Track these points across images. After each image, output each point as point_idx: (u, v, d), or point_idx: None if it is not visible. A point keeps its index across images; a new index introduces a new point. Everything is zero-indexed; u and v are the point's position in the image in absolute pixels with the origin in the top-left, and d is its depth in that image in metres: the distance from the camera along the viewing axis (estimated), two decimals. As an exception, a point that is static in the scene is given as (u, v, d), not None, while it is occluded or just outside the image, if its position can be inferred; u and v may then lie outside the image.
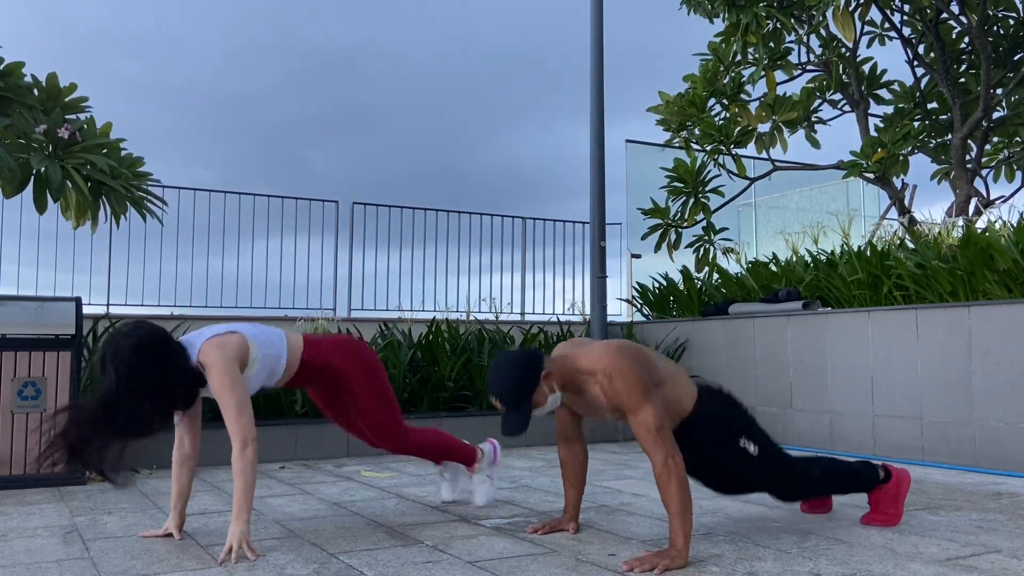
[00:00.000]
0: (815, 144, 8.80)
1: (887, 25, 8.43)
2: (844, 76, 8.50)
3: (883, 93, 8.67)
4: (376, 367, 3.25)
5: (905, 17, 8.37)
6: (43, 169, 4.29)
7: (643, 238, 8.21)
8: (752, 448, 2.92)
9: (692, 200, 8.03)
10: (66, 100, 4.67)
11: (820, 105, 8.80)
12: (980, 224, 6.65)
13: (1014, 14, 7.94)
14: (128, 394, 2.70)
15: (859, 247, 6.12)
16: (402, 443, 3.32)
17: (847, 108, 8.75)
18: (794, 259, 6.75)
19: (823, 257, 6.38)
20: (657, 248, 8.14)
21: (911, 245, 5.98)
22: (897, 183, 8.20)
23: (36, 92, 4.60)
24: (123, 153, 4.73)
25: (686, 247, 8.11)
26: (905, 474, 3.20)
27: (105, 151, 4.58)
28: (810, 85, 8.73)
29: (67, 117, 4.58)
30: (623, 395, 2.64)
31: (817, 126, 8.85)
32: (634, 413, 2.63)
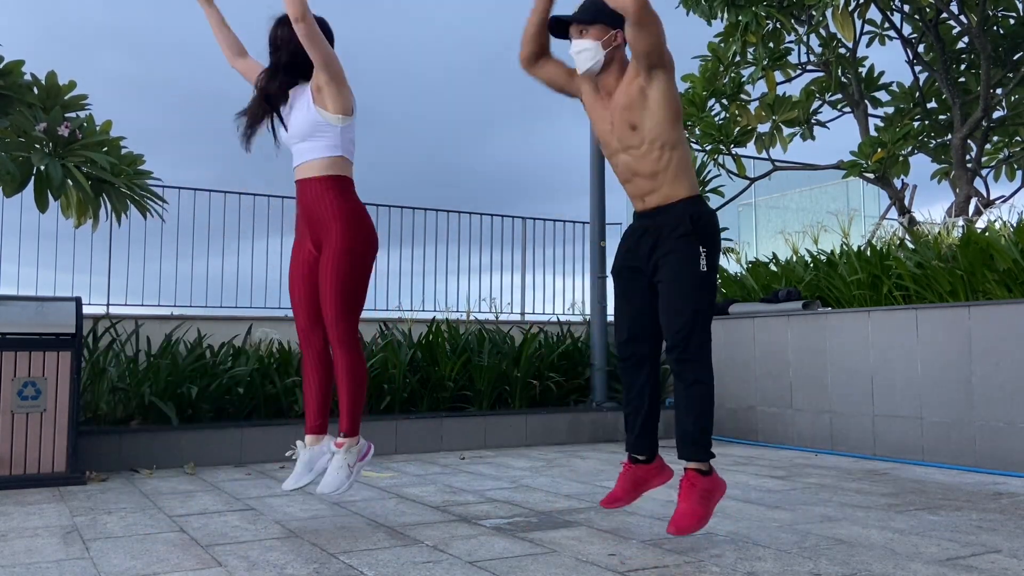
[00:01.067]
0: (806, 137, 8.77)
1: (887, 25, 8.43)
2: (843, 77, 8.50)
3: (881, 95, 8.67)
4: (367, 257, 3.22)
5: (905, 16, 8.37)
6: (43, 167, 4.28)
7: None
8: (703, 265, 2.87)
9: (692, 200, 8.01)
10: (65, 98, 4.67)
11: (820, 107, 8.80)
12: (980, 224, 6.65)
13: (1014, 14, 7.94)
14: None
15: (859, 247, 6.12)
16: (348, 340, 3.16)
17: (847, 109, 8.75)
18: (794, 259, 6.75)
19: (823, 257, 6.38)
20: (657, 248, 8.12)
21: (911, 245, 5.98)
22: (897, 183, 8.20)
23: (35, 90, 4.60)
24: (123, 151, 4.72)
25: (686, 247, 8.09)
26: (722, 481, 2.96)
27: (105, 149, 4.58)
28: (810, 88, 8.73)
29: (67, 115, 4.58)
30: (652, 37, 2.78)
31: (816, 128, 8.85)
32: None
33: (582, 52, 2.95)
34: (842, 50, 8.40)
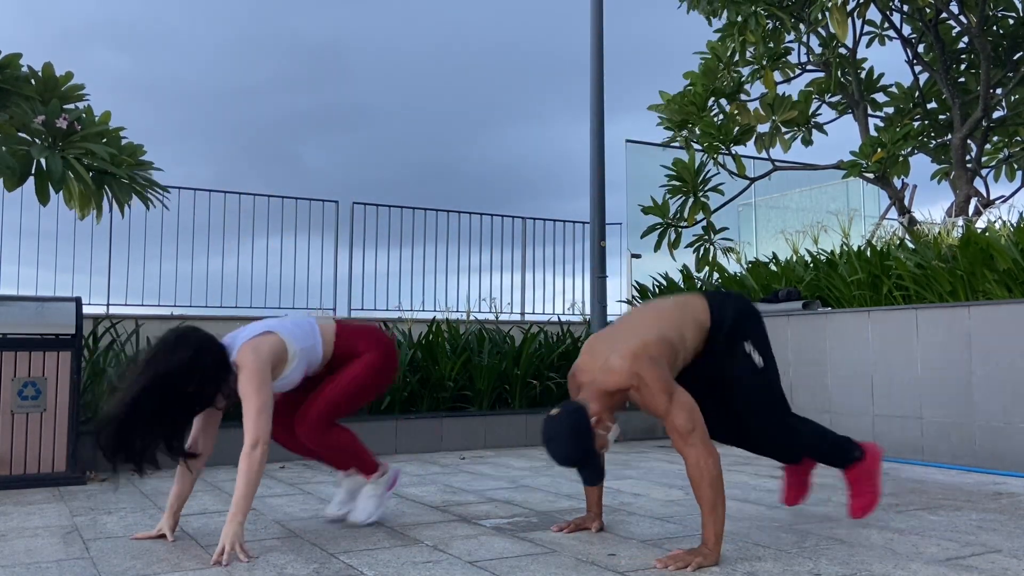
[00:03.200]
0: (808, 144, 8.79)
1: (886, 25, 8.43)
2: (842, 78, 8.50)
3: (880, 97, 8.67)
4: (387, 369, 3.18)
5: (905, 16, 8.37)
6: (43, 160, 4.28)
7: (643, 236, 8.21)
8: (757, 357, 2.89)
9: (692, 199, 8.03)
10: (63, 90, 4.66)
11: (820, 107, 8.80)
12: (980, 224, 6.65)
13: (1014, 14, 7.94)
14: (173, 385, 2.75)
15: (859, 247, 6.12)
16: (319, 435, 3.11)
17: (846, 109, 8.74)
18: (794, 259, 6.75)
19: (823, 257, 6.38)
20: (657, 247, 8.14)
21: (911, 245, 5.98)
22: (897, 183, 8.20)
23: (32, 83, 4.58)
24: (123, 142, 4.72)
25: (686, 247, 8.11)
26: (875, 448, 3.15)
27: (105, 140, 4.57)
28: (808, 88, 8.73)
29: (65, 107, 4.56)
30: (651, 404, 2.65)
31: (815, 132, 8.85)
32: (664, 416, 2.64)
33: (612, 443, 2.82)
34: (842, 50, 8.40)
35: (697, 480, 2.57)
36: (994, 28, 8.05)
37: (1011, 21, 8.00)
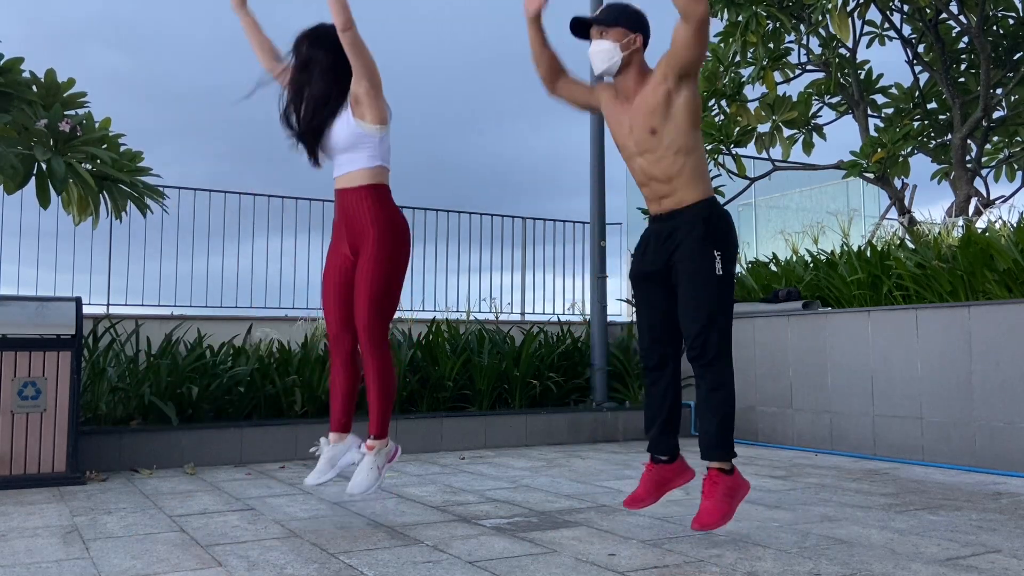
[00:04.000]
0: (808, 151, 8.78)
1: (887, 25, 8.43)
2: (842, 79, 8.50)
3: (880, 98, 8.66)
4: (402, 261, 3.26)
5: (905, 16, 8.37)
6: (46, 162, 4.28)
7: (643, 237, 8.20)
8: (719, 269, 2.89)
9: (692, 200, 8.01)
10: (64, 96, 4.67)
11: (820, 108, 8.79)
12: (980, 224, 6.65)
13: (1014, 14, 7.94)
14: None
15: (859, 247, 6.12)
16: (379, 345, 3.16)
17: (846, 110, 8.74)
18: (794, 259, 6.75)
19: (823, 257, 6.38)
20: (657, 248, 8.12)
21: (911, 245, 5.98)
22: (897, 183, 8.20)
23: (34, 88, 4.60)
24: (122, 148, 4.72)
25: (686, 247, 8.09)
26: (745, 481, 2.98)
27: (105, 146, 4.57)
28: (808, 89, 8.72)
29: (66, 113, 4.57)
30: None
31: (815, 136, 8.84)
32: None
33: (600, 52, 2.98)
34: (842, 50, 8.40)
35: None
36: (994, 28, 8.05)
37: (1011, 21, 8.00)
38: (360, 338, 3.19)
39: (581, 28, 3.06)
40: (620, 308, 8.42)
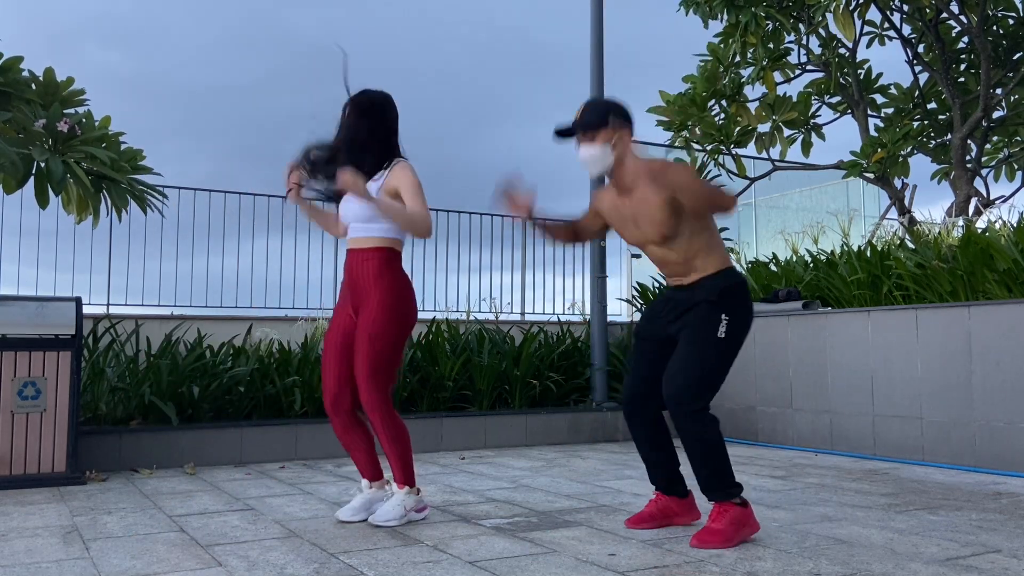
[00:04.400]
0: (807, 151, 8.79)
1: (887, 25, 8.43)
2: (842, 79, 8.50)
3: (880, 97, 8.66)
4: (403, 329, 3.25)
5: (905, 16, 8.37)
6: (44, 163, 4.28)
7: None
8: (721, 331, 2.90)
9: (692, 200, 8.01)
10: (64, 94, 4.66)
11: (819, 108, 8.80)
12: (980, 224, 6.65)
13: (1014, 14, 7.94)
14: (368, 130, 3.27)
15: (859, 247, 6.12)
16: (381, 405, 3.16)
17: (846, 110, 8.74)
18: (794, 259, 6.75)
19: (823, 257, 6.38)
20: (657, 248, 8.12)
21: (911, 245, 5.98)
22: (897, 183, 8.20)
23: (34, 87, 4.59)
24: (123, 147, 4.72)
25: (686, 247, 8.09)
26: (756, 522, 2.95)
27: (104, 145, 4.57)
28: (808, 89, 8.72)
29: (65, 111, 4.57)
30: (676, 176, 2.82)
31: (814, 136, 8.84)
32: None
33: (591, 158, 2.96)
34: (842, 50, 8.40)
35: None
36: (994, 28, 8.05)
37: (1011, 21, 8.00)
38: (361, 396, 3.18)
39: (565, 132, 3.04)
40: (620, 308, 8.42)
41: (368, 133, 3.26)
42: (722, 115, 8.31)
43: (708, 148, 8.14)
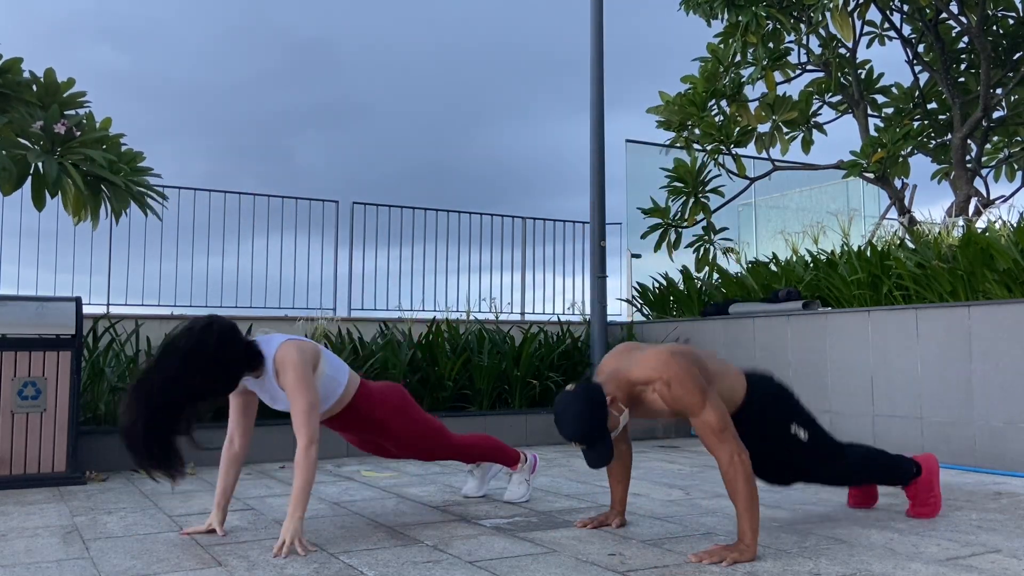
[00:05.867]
0: (807, 149, 8.78)
1: (887, 25, 8.43)
2: (842, 79, 8.50)
3: (880, 97, 8.66)
4: (411, 408, 3.30)
5: (905, 16, 8.37)
6: (39, 165, 4.28)
7: (643, 237, 8.21)
8: (803, 434, 2.98)
9: (692, 200, 8.03)
10: (64, 96, 4.66)
11: (820, 108, 8.79)
12: (980, 224, 6.65)
13: (1014, 14, 7.94)
14: (188, 369, 2.76)
15: (859, 247, 6.12)
16: (432, 452, 3.41)
17: (846, 109, 8.74)
18: (794, 259, 6.75)
19: (823, 257, 6.38)
20: (657, 248, 8.14)
21: (911, 245, 5.98)
22: (897, 183, 8.20)
23: (34, 88, 4.59)
24: (123, 148, 4.72)
25: (686, 247, 8.11)
26: (931, 459, 3.31)
27: (105, 146, 4.57)
28: (808, 89, 8.72)
29: (65, 113, 4.57)
30: (683, 399, 2.69)
31: (815, 133, 8.84)
32: (696, 415, 2.68)
33: (617, 433, 2.83)
34: (842, 50, 8.40)
35: (732, 477, 2.62)
36: (994, 28, 8.05)
37: (1011, 21, 8.00)
38: (429, 457, 3.45)
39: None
40: (620, 308, 8.42)
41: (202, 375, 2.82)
42: (722, 115, 8.31)
43: (708, 148, 8.14)
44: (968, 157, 8.01)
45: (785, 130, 8.58)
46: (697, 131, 8.11)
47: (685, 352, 2.79)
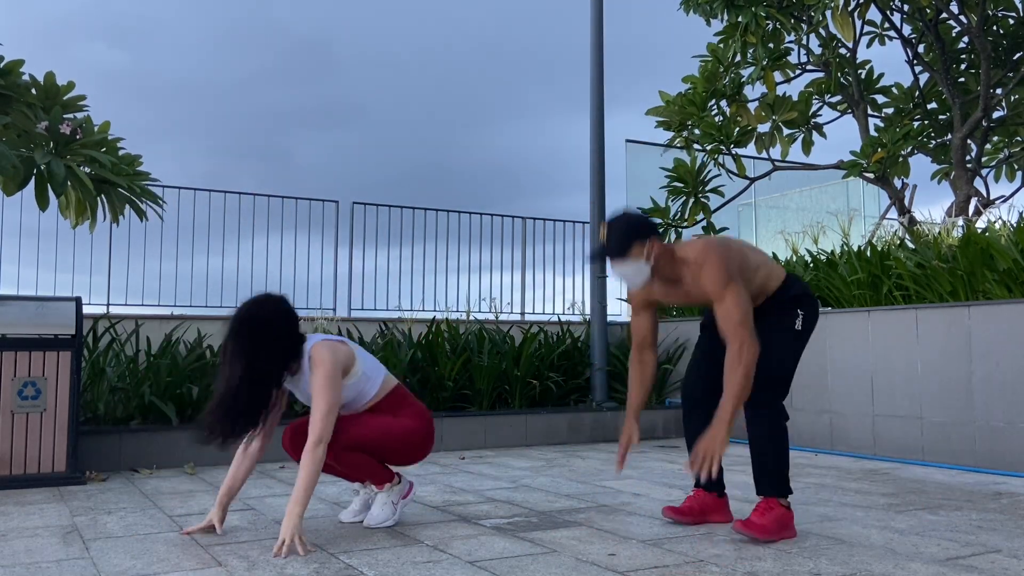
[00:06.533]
0: (807, 150, 8.79)
1: (887, 25, 8.43)
2: (842, 79, 8.50)
3: (880, 97, 8.66)
4: (421, 443, 3.20)
5: (905, 16, 8.37)
6: (45, 165, 4.28)
7: (643, 237, 8.19)
8: (798, 324, 3.03)
9: (692, 200, 8.03)
10: (64, 99, 4.67)
11: (820, 108, 8.79)
12: (980, 224, 6.65)
13: (1014, 14, 7.94)
14: (253, 355, 2.85)
15: (859, 247, 6.12)
16: (334, 455, 3.03)
17: (846, 109, 8.74)
18: (794, 259, 6.74)
19: (823, 257, 6.38)
20: (657, 248, 8.11)
21: (911, 245, 5.98)
22: (897, 183, 8.20)
23: (34, 91, 4.60)
24: (121, 152, 4.72)
25: (686, 247, 8.09)
26: (795, 529, 2.99)
27: (104, 149, 4.58)
28: (808, 89, 8.72)
29: (65, 116, 4.57)
30: (709, 284, 2.85)
31: (814, 135, 8.84)
32: (719, 301, 2.85)
33: (629, 276, 2.98)
34: (842, 50, 8.40)
35: (734, 364, 2.74)
36: (994, 28, 8.05)
37: (1011, 21, 8.00)
38: (334, 456, 3.11)
39: (597, 255, 3.04)
40: (620, 308, 8.41)
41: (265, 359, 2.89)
42: (721, 115, 8.31)
43: (708, 148, 8.13)
44: (968, 157, 8.01)
45: (785, 130, 8.58)
46: (697, 131, 8.11)
47: (728, 242, 2.99)
